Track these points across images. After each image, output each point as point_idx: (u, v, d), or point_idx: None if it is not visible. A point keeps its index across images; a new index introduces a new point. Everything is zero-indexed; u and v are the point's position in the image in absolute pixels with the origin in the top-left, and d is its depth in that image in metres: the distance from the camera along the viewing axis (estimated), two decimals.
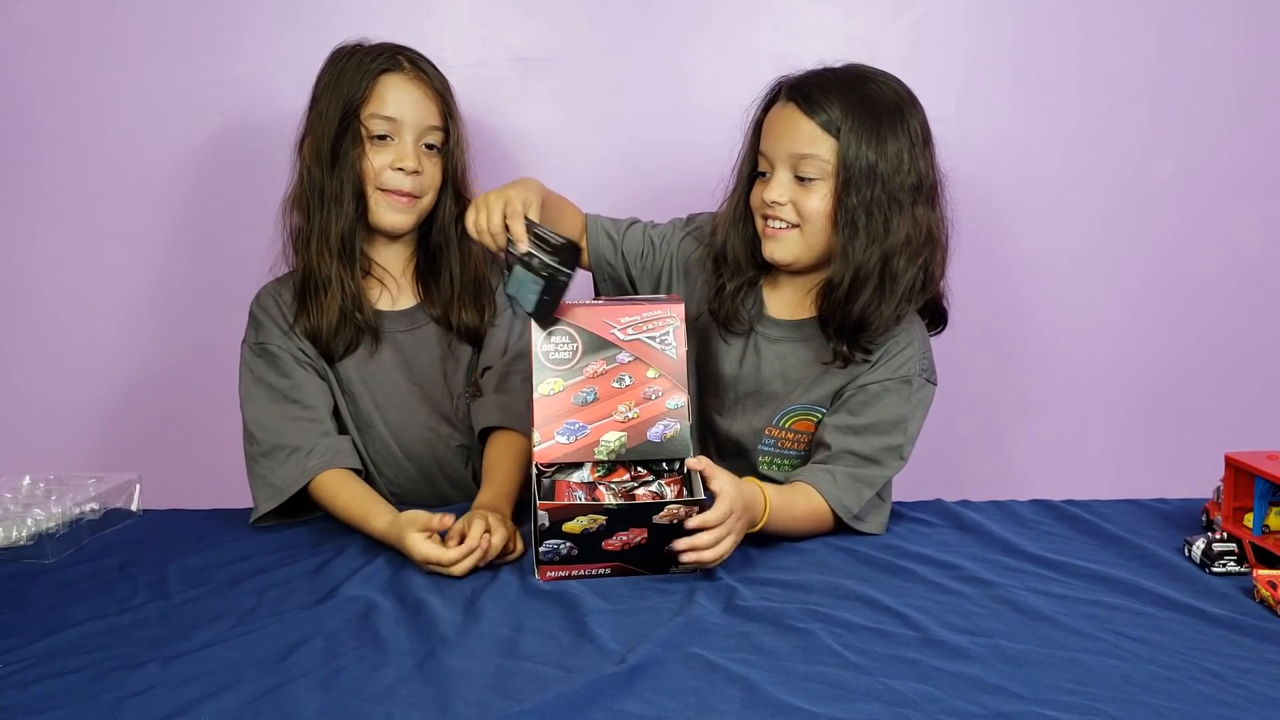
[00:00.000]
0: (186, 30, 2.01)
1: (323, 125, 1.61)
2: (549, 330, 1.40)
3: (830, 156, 1.50)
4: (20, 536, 1.50)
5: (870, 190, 1.49)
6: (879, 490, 1.54)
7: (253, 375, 1.64)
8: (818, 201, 1.51)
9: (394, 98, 1.62)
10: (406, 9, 2.01)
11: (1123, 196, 2.10)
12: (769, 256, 1.56)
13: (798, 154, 1.51)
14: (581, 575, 1.34)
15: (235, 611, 1.27)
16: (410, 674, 1.10)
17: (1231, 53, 2.07)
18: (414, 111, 1.62)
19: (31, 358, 2.09)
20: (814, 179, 1.51)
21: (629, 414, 1.38)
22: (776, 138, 1.54)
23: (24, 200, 2.05)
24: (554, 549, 1.32)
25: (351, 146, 1.60)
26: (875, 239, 1.49)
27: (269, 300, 1.68)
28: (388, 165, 1.61)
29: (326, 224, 1.62)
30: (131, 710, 1.04)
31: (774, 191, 1.53)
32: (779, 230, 1.54)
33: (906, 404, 1.54)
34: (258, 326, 1.66)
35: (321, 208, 1.62)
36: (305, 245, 1.64)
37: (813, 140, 1.50)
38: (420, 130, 1.63)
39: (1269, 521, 1.39)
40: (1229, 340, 2.14)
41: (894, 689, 1.06)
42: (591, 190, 2.07)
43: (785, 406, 1.60)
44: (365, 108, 1.61)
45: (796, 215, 1.53)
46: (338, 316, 1.63)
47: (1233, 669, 1.10)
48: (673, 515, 1.31)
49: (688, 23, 2.05)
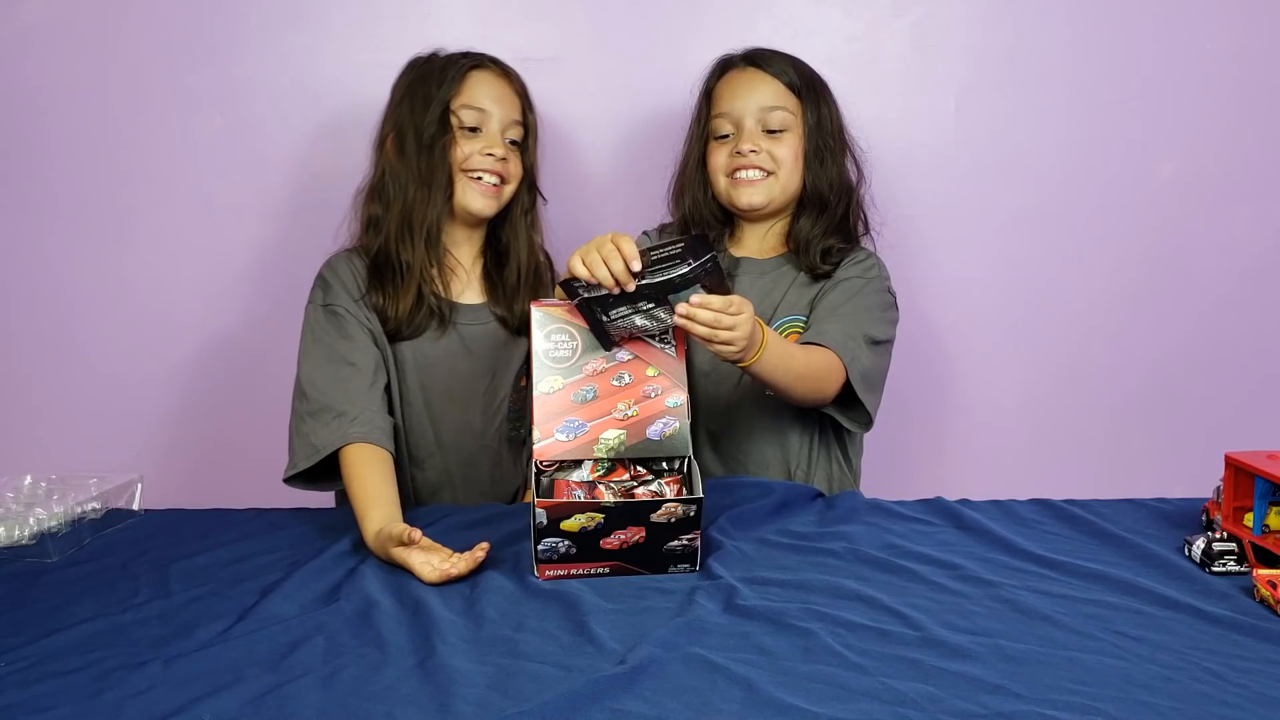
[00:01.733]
0: (188, 30, 2.01)
1: (412, 117, 1.69)
2: (548, 330, 1.40)
3: (795, 110, 1.75)
4: (22, 536, 1.51)
5: (822, 138, 1.76)
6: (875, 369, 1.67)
7: (314, 335, 1.67)
8: (786, 149, 1.75)
9: (484, 91, 1.71)
10: (406, 9, 2.01)
11: (1121, 196, 2.10)
12: (746, 204, 1.76)
13: (767, 107, 1.74)
14: (580, 574, 1.34)
15: (236, 610, 1.27)
16: (411, 673, 1.11)
17: (1230, 53, 2.07)
18: (501, 105, 1.72)
19: (33, 357, 2.09)
20: (781, 131, 1.74)
21: (628, 412, 1.39)
22: (743, 97, 1.76)
23: (25, 200, 2.05)
24: (552, 547, 1.32)
25: (443, 136, 1.68)
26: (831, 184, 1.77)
27: (342, 266, 1.72)
28: (477, 151, 1.70)
29: (411, 210, 1.69)
30: (133, 709, 1.04)
31: (747, 142, 1.73)
32: (754, 180, 1.75)
33: (878, 296, 1.73)
34: (326, 288, 1.70)
35: (406, 196, 1.69)
36: (384, 232, 1.70)
37: (779, 95, 1.75)
38: (506, 123, 1.72)
39: (1269, 521, 1.39)
40: (1229, 340, 2.14)
41: (894, 689, 1.06)
42: (592, 190, 2.08)
43: (777, 320, 1.75)
44: (456, 99, 1.70)
45: (771, 162, 1.74)
46: (414, 299, 1.68)
47: (1232, 668, 1.10)
48: (670, 514, 1.31)
49: (688, 23, 2.05)
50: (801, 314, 1.76)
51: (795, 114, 1.75)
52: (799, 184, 1.77)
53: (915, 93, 2.08)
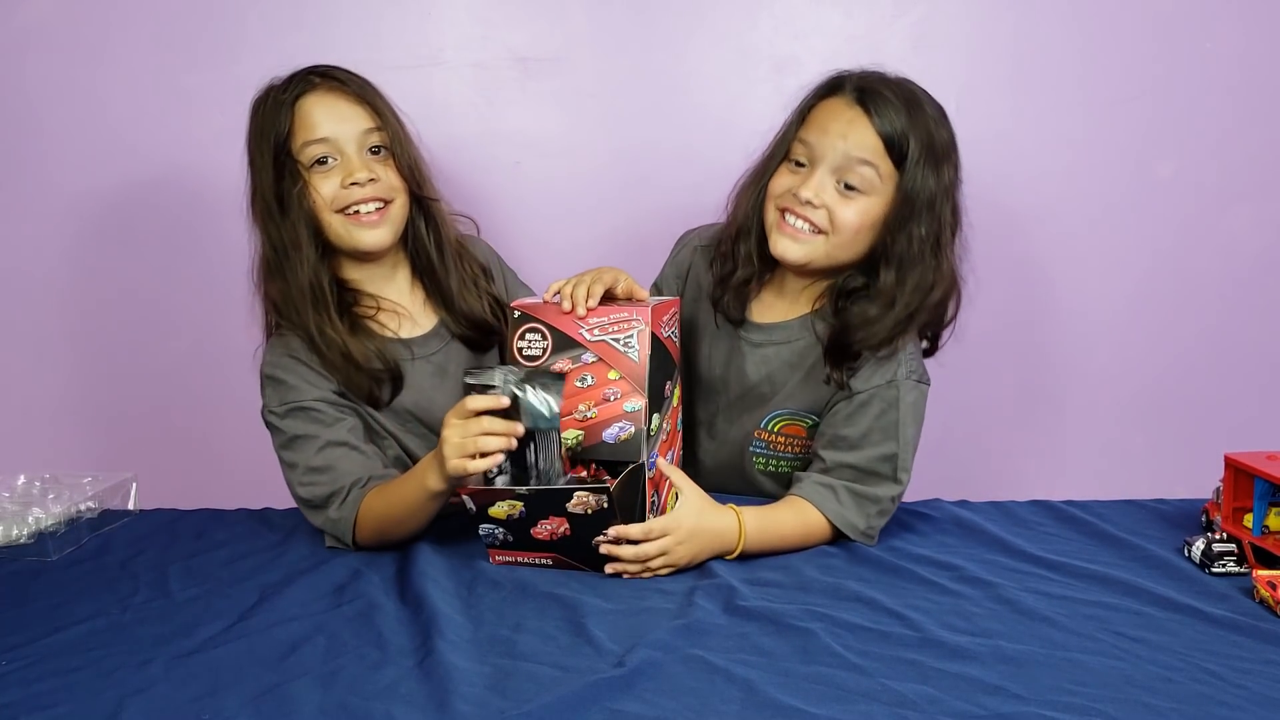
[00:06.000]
0: (187, 31, 2.01)
1: (261, 180, 1.50)
2: (522, 329, 1.39)
3: (886, 174, 1.43)
4: (21, 535, 1.51)
5: (925, 226, 1.43)
6: (889, 508, 1.48)
7: (288, 442, 1.50)
8: (854, 214, 1.44)
9: (320, 115, 1.49)
10: (406, 9, 2.01)
11: (1123, 196, 2.10)
12: (777, 253, 1.49)
13: (854, 157, 1.43)
14: (526, 563, 1.38)
15: (237, 610, 1.27)
16: (410, 673, 1.11)
17: (1231, 53, 2.07)
18: (344, 123, 1.50)
19: (27, 357, 2.08)
20: (859, 191, 1.44)
21: (588, 414, 1.37)
22: (833, 134, 1.45)
23: (24, 199, 2.05)
24: (490, 533, 1.36)
25: (292, 185, 1.49)
26: (919, 287, 1.45)
27: (282, 358, 1.52)
28: (338, 186, 1.49)
29: (300, 279, 1.50)
30: (134, 707, 1.04)
31: (810, 189, 1.44)
32: (799, 231, 1.47)
33: (895, 410, 1.48)
34: (279, 387, 1.51)
35: (288, 263, 1.50)
36: (294, 310, 1.51)
37: (875, 151, 1.43)
38: (358, 138, 1.51)
39: (1268, 522, 1.39)
40: (1229, 340, 2.14)
41: (894, 689, 1.06)
42: (592, 190, 2.08)
43: (771, 410, 1.58)
44: (294, 139, 1.49)
45: (828, 221, 1.46)
46: (362, 377, 1.51)
47: (1232, 669, 1.10)
48: (584, 504, 1.31)
49: (688, 23, 2.05)
50: (807, 410, 1.55)
51: (886, 180, 1.44)
52: (855, 255, 1.48)
53: None
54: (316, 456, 1.48)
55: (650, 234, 2.01)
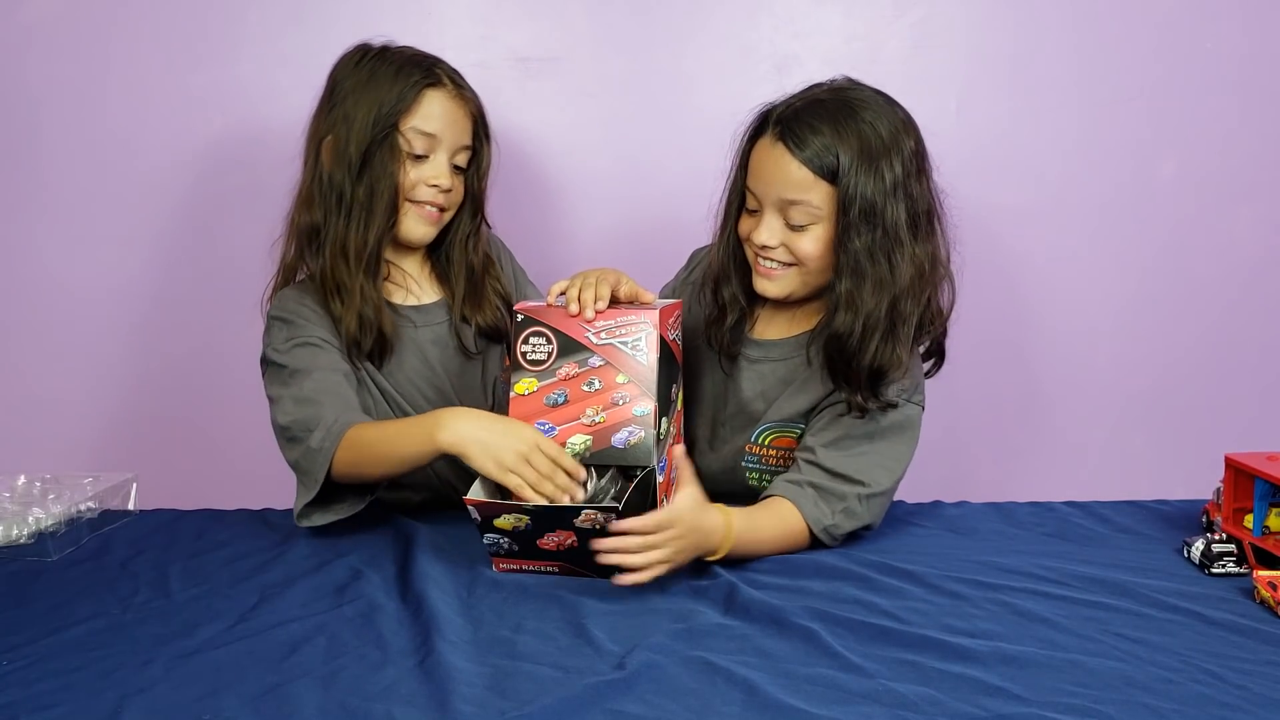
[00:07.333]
0: (187, 30, 2.01)
1: (352, 130, 1.55)
2: (526, 332, 1.39)
3: (822, 202, 1.44)
4: (21, 535, 1.51)
5: (872, 234, 1.42)
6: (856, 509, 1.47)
7: (286, 377, 1.53)
8: (810, 245, 1.46)
9: (437, 113, 1.58)
10: (406, 9, 2.01)
11: (1123, 197, 2.10)
12: (761, 292, 1.53)
13: (786, 199, 1.45)
14: (532, 570, 1.36)
15: (237, 610, 1.27)
16: (410, 674, 1.11)
17: (1231, 53, 2.07)
18: (453, 129, 1.59)
19: (28, 357, 2.08)
20: (805, 225, 1.46)
21: (595, 418, 1.36)
22: (765, 180, 1.47)
23: (24, 200, 2.04)
24: (495, 543, 1.34)
25: (389, 158, 1.55)
26: (882, 284, 1.43)
27: (297, 305, 1.58)
28: (423, 180, 1.58)
29: (346, 232, 1.56)
30: (134, 707, 1.04)
31: (764, 235, 1.48)
32: (772, 270, 1.50)
33: (876, 421, 1.49)
34: (289, 326, 1.56)
35: (341, 214, 1.56)
36: (320, 248, 1.58)
37: (803, 186, 1.44)
38: (455, 149, 1.60)
39: (1269, 523, 1.39)
40: (1229, 341, 2.14)
41: (895, 691, 1.06)
42: (592, 190, 2.08)
43: (762, 425, 1.57)
44: (406, 120, 1.56)
45: (791, 256, 1.48)
46: (356, 325, 1.56)
47: (1233, 670, 1.10)
48: (592, 520, 1.29)
49: (688, 23, 2.05)
50: (792, 420, 1.55)
51: (824, 206, 1.44)
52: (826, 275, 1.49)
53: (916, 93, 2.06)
54: (309, 386, 1.51)
55: (650, 234, 2.02)
